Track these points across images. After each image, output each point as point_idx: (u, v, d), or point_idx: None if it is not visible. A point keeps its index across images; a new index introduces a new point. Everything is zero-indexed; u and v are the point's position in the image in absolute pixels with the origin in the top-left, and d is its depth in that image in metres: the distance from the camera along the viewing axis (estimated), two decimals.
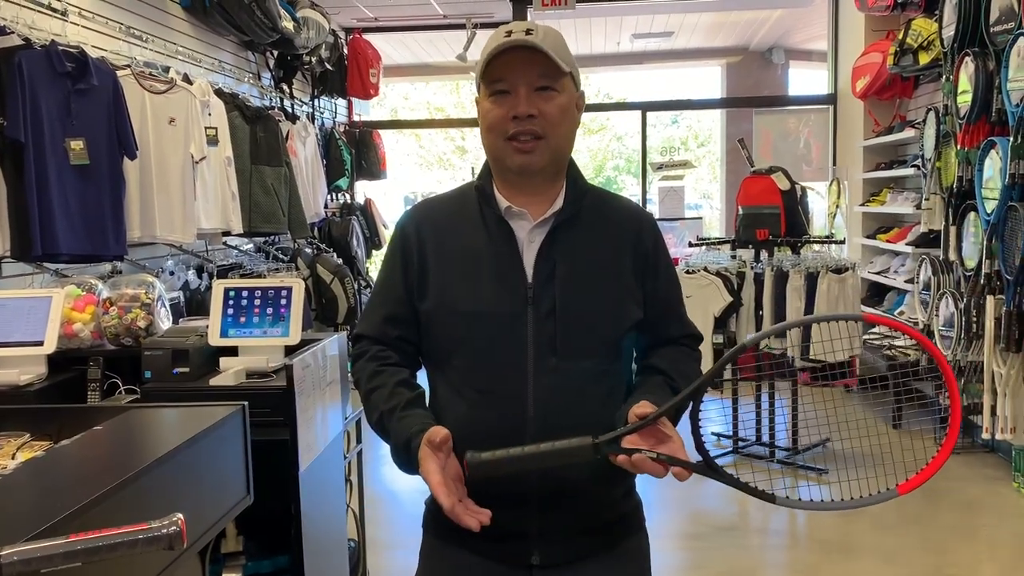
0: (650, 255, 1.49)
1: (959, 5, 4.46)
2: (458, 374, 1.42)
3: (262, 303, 2.44)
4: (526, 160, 1.39)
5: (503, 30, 1.40)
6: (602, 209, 1.49)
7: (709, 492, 4.47)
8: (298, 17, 5.48)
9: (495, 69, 1.38)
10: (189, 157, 3.91)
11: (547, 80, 1.38)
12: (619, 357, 1.46)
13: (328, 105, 7.24)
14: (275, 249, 5.66)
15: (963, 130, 4.51)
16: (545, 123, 1.38)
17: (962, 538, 3.80)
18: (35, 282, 3.30)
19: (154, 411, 1.86)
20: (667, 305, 1.52)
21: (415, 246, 1.46)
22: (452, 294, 1.42)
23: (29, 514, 1.19)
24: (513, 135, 1.38)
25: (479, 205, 1.46)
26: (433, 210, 1.52)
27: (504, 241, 1.43)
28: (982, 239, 4.28)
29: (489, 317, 1.39)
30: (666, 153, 11.48)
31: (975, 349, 4.41)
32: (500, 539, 1.39)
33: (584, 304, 1.41)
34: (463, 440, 1.39)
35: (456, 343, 1.42)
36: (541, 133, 1.38)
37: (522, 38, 1.36)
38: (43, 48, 3.19)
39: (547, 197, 1.45)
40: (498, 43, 1.37)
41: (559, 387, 1.38)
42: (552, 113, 1.38)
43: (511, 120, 1.38)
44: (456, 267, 1.43)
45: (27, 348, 2.35)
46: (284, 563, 2.39)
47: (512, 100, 1.38)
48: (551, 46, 1.37)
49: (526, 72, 1.37)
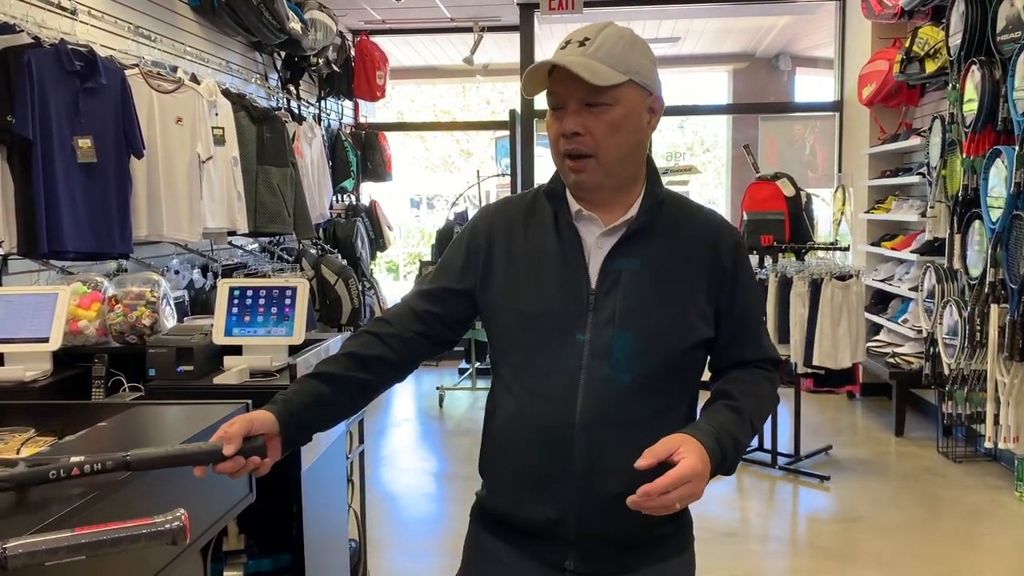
0: (727, 272, 1.43)
1: (966, 14, 4.46)
2: (511, 371, 1.42)
3: (266, 302, 2.45)
4: (579, 179, 1.38)
5: (565, 39, 1.38)
6: (679, 220, 1.44)
7: (710, 498, 4.46)
8: (306, 19, 5.50)
9: (550, 83, 1.36)
10: (196, 156, 3.92)
11: (594, 96, 1.33)
12: (678, 375, 1.42)
13: (335, 106, 7.25)
14: (280, 249, 5.67)
15: (969, 138, 4.51)
16: (593, 141, 1.34)
17: (963, 546, 3.79)
18: (41, 279, 3.31)
19: (158, 408, 1.86)
20: (742, 326, 1.46)
21: (484, 239, 1.47)
22: (514, 292, 1.42)
23: (33, 509, 1.19)
24: (567, 152, 1.37)
25: (550, 207, 1.45)
26: (508, 208, 1.51)
27: (571, 245, 1.41)
28: (987, 248, 4.27)
29: (547, 319, 1.38)
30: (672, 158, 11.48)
31: (979, 358, 4.41)
32: (539, 537, 1.40)
33: (645, 317, 1.37)
34: (509, 438, 1.43)
35: (512, 340, 1.42)
36: (589, 151, 1.35)
37: (567, 56, 1.33)
38: (52, 47, 3.20)
39: (621, 204, 1.42)
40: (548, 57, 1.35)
41: (609, 398, 1.35)
42: (600, 131, 1.34)
43: (562, 138, 1.36)
44: (521, 266, 1.43)
45: (32, 345, 2.36)
46: (285, 562, 2.40)
47: (562, 116, 1.36)
48: (606, 56, 1.33)
49: (575, 87, 1.33)
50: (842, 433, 5.57)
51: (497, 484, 1.47)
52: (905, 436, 5.40)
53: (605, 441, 1.34)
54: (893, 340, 5.97)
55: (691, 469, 1.22)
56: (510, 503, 1.44)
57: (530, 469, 1.39)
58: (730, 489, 4.60)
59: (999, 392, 4.20)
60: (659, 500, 1.21)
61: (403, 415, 6.39)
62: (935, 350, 4.89)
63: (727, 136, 10.14)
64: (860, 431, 5.72)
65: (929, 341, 5.02)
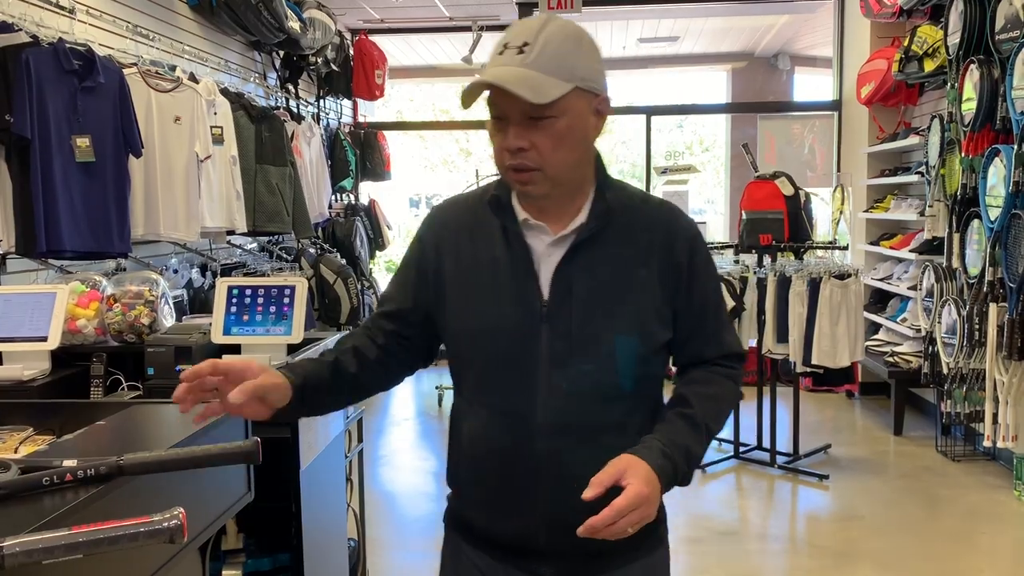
0: (683, 269, 1.38)
1: (965, 13, 4.47)
2: (471, 388, 1.41)
3: (265, 301, 2.45)
4: (525, 190, 1.32)
5: (502, 41, 1.28)
6: (631, 220, 1.37)
7: (709, 497, 4.47)
8: (304, 18, 5.49)
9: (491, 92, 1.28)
10: (194, 155, 3.92)
11: (538, 109, 1.24)
12: (639, 381, 1.37)
13: (333, 106, 7.25)
14: (279, 249, 5.67)
15: (967, 137, 4.51)
16: (538, 156, 1.27)
17: (962, 545, 3.79)
18: (39, 278, 3.31)
19: (156, 407, 1.86)
20: (700, 323, 1.41)
21: (433, 254, 1.42)
22: (466, 308, 1.37)
23: (31, 508, 1.19)
24: (511, 166, 1.30)
25: (496, 216, 1.38)
26: (454, 216, 1.45)
27: (519, 255, 1.35)
28: (985, 247, 4.28)
29: (501, 334, 1.34)
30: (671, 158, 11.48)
31: (977, 357, 4.41)
32: (513, 546, 1.39)
33: (603, 325, 1.32)
34: (475, 456, 1.41)
35: (469, 357, 1.40)
36: (535, 166, 1.28)
37: (503, 69, 1.23)
38: (50, 46, 3.20)
39: (569, 210, 1.36)
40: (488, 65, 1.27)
41: (570, 410, 1.32)
42: (545, 145, 1.27)
43: (506, 152, 1.29)
44: (471, 280, 1.37)
45: (31, 344, 2.36)
46: (284, 561, 2.40)
47: (506, 128, 1.28)
48: (547, 64, 1.23)
49: (514, 101, 1.23)
50: (841, 432, 5.57)
51: (467, 498, 1.46)
52: (904, 435, 5.40)
53: (569, 453, 1.31)
54: (892, 339, 5.98)
55: (636, 496, 1.19)
56: (482, 518, 1.43)
57: (498, 486, 1.38)
58: (729, 488, 4.61)
59: (998, 391, 4.20)
60: (608, 531, 1.19)
61: (402, 414, 6.39)
62: (934, 349, 4.89)
63: (726, 135, 10.14)
64: (859, 430, 5.72)
65: (928, 340, 5.02)
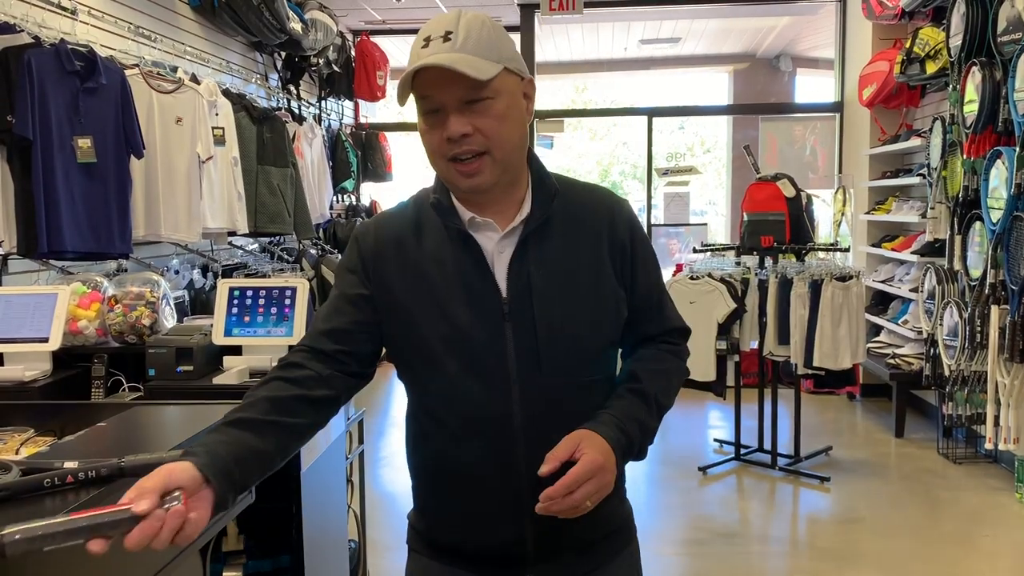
0: (627, 250, 1.38)
1: (967, 15, 4.46)
2: (438, 402, 1.33)
3: (266, 303, 2.45)
4: (474, 183, 1.28)
5: (422, 35, 1.26)
6: (573, 206, 1.37)
7: (710, 498, 4.47)
8: (306, 19, 5.50)
9: (419, 86, 1.25)
10: (196, 157, 3.92)
11: (475, 92, 1.23)
12: (610, 364, 1.39)
13: (335, 107, 7.25)
14: (280, 250, 5.68)
15: (969, 140, 4.51)
16: (483, 139, 1.25)
17: (963, 548, 3.79)
18: (41, 279, 3.31)
19: (157, 408, 1.86)
20: (645, 302, 1.41)
21: (373, 264, 1.34)
22: (421, 318, 1.30)
23: (32, 510, 1.19)
24: (454, 156, 1.26)
25: (439, 219, 1.33)
26: (392, 226, 1.37)
27: (471, 255, 1.31)
28: (987, 249, 4.27)
29: (464, 339, 1.28)
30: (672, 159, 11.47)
31: (979, 359, 4.40)
32: (494, 561, 1.35)
33: (566, 314, 1.31)
34: (450, 472, 1.34)
35: (432, 370, 1.31)
36: (482, 149, 1.25)
37: (436, 54, 1.21)
38: (52, 47, 3.20)
39: (512, 203, 1.34)
40: (416, 58, 1.23)
41: (548, 405, 1.30)
42: (489, 126, 1.25)
43: (447, 142, 1.25)
44: (422, 287, 1.31)
45: (32, 344, 2.36)
46: (285, 563, 2.39)
47: (443, 119, 1.25)
48: (475, 48, 1.23)
49: (450, 89, 1.22)
50: (842, 434, 5.56)
51: (440, 518, 1.39)
52: (905, 437, 5.39)
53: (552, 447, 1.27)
54: (893, 341, 5.97)
55: (591, 463, 1.20)
56: (461, 538, 1.37)
57: (479, 499, 1.32)
58: (730, 490, 4.60)
59: (999, 393, 4.20)
60: (565, 501, 1.19)
61: (402, 415, 6.38)
62: (935, 351, 4.89)
63: (727, 137, 10.14)
64: (860, 432, 5.72)
65: (929, 342, 5.02)
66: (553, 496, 1.18)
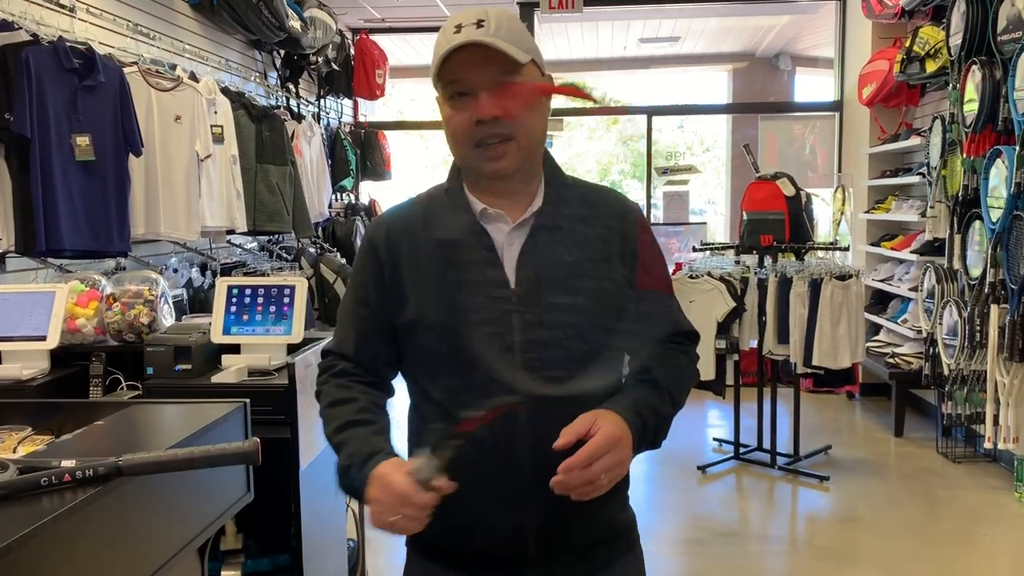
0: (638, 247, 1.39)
1: (967, 14, 4.46)
2: (445, 393, 1.32)
3: (265, 301, 2.44)
4: (498, 166, 1.30)
5: (452, 23, 1.28)
6: (584, 204, 1.39)
7: (709, 498, 4.47)
8: (305, 17, 5.49)
9: (449, 70, 1.27)
10: (194, 155, 3.91)
11: (507, 76, 1.27)
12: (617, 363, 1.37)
13: (334, 105, 7.24)
14: (279, 248, 5.66)
15: (969, 139, 4.51)
16: (512, 123, 1.28)
17: (962, 547, 3.79)
18: (39, 277, 3.30)
19: (156, 407, 1.86)
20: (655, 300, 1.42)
21: (387, 257, 1.36)
22: (431, 308, 1.32)
23: (29, 509, 1.19)
24: (480, 140, 1.29)
25: (451, 210, 1.36)
26: (402, 218, 1.40)
27: (481, 246, 1.33)
28: (987, 248, 4.27)
29: (472, 329, 1.29)
30: (671, 158, 11.47)
31: (978, 358, 4.40)
32: (495, 561, 1.34)
33: (575, 306, 1.31)
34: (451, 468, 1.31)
35: (440, 360, 1.32)
36: (510, 134, 1.28)
37: (473, 35, 1.24)
38: (51, 44, 3.19)
39: (524, 196, 1.36)
40: (448, 42, 1.25)
41: (553, 400, 1.28)
42: (518, 111, 1.28)
43: (475, 125, 1.27)
44: (433, 278, 1.33)
45: (30, 343, 2.35)
46: (284, 561, 2.39)
47: (473, 103, 1.27)
48: (507, 36, 1.26)
49: (483, 71, 1.26)
50: (841, 433, 5.56)
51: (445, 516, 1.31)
52: (904, 436, 5.39)
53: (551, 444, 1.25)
54: (893, 340, 5.97)
55: (608, 436, 1.20)
56: (461, 538, 1.35)
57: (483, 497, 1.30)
58: (729, 489, 4.60)
59: (999, 392, 4.20)
60: (583, 474, 1.18)
61: (402, 415, 6.37)
62: (935, 350, 4.88)
63: (727, 136, 10.13)
64: (859, 431, 5.72)
65: (929, 341, 5.01)
66: (571, 467, 1.17)
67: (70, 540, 1.17)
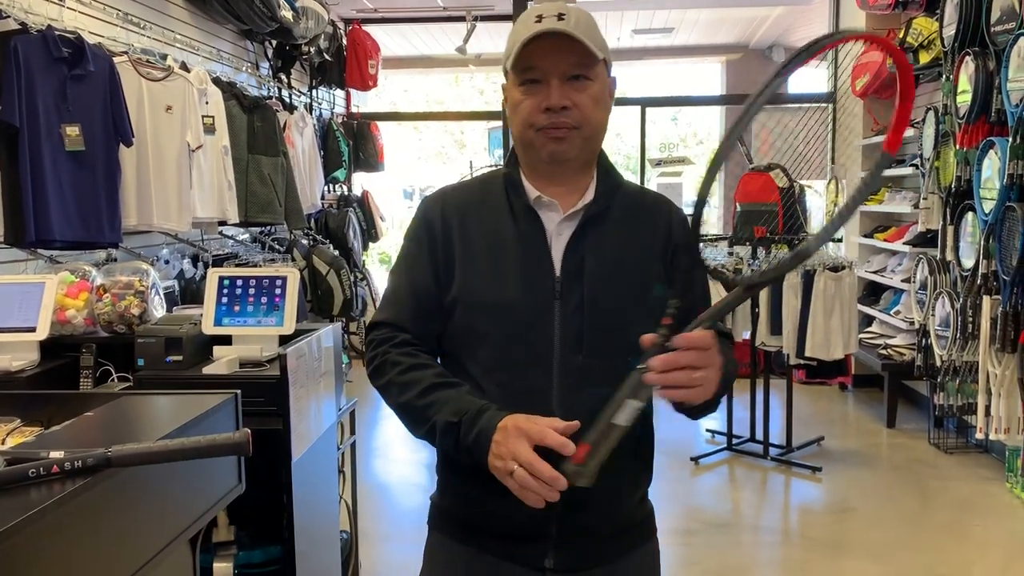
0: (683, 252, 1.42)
1: (960, 5, 4.45)
2: (480, 368, 1.36)
3: (256, 292, 2.43)
4: (558, 148, 1.34)
5: (533, 13, 1.33)
6: (634, 203, 1.44)
7: (702, 489, 4.48)
8: (297, 7, 5.45)
9: (526, 57, 1.32)
10: (185, 145, 3.89)
11: (581, 69, 1.32)
12: None
13: (326, 96, 7.21)
14: (271, 239, 5.65)
15: (962, 130, 4.51)
16: (579, 114, 1.33)
17: (954, 537, 3.80)
18: (29, 268, 3.28)
19: (146, 398, 1.84)
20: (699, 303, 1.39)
21: (440, 232, 1.40)
22: (476, 285, 1.36)
23: (16, 500, 1.17)
24: (546, 127, 1.33)
25: (507, 193, 1.40)
26: (458, 196, 1.45)
27: (532, 232, 1.37)
28: (979, 239, 4.28)
29: (514, 310, 1.34)
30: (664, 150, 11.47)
31: (970, 349, 4.42)
32: (516, 539, 1.36)
33: (614, 300, 1.35)
34: None
35: (479, 336, 1.36)
36: (575, 124, 1.33)
37: (554, 25, 1.29)
38: (39, 33, 3.16)
39: (577, 188, 1.40)
40: (529, 30, 1.31)
41: (585, 385, 1.31)
42: (586, 104, 1.33)
43: (543, 112, 1.32)
44: (481, 257, 1.37)
45: (19, 334, 2.33)
46: (276, 553, 2.38)
47: (544, 90, 1.32)
48: (585, 32, 1.31)
49: (559, 61, 1.31)
50: (834, 424, 5.58)
51: (468, 493, 1.40)
52: (897, 427, 5.41)
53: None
54: (885, 332, 5.98)
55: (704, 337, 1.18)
56: (485, 512, 1.37)
57: None
58: (722, 480, 4.61)
59: (990, 383, 4.21)
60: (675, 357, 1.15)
61: None
62: (927, 342, 4.90)
63: (720, 127, 10.13)
64: (852, 422, 5.73)
65: (921, 333, 5.03)
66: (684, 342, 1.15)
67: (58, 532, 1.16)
